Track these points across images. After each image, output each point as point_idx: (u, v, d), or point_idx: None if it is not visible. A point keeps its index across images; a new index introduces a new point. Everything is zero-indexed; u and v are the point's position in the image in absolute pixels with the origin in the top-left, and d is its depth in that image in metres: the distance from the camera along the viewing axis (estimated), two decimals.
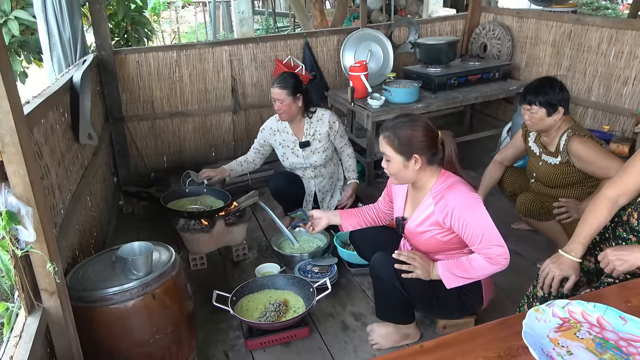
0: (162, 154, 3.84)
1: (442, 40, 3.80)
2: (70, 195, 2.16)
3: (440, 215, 1.78)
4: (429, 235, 1.85)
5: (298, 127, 2.93)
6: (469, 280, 1.79)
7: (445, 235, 1.83)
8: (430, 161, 1.79)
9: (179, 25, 10.46)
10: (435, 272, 1.83)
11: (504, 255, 1.72)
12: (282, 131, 2.96)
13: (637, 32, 3.17)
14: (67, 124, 2.33)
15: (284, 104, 2.78)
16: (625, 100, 3.29)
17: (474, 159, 3.91)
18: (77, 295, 1.63)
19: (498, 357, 1.13)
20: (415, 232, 1.90)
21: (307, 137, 2.92)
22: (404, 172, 1.80)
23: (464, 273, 1.78)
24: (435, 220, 1.81)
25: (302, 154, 2.94)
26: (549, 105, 2.35)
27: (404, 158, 1.76)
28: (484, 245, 1.72)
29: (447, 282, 1.81)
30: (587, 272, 1.76)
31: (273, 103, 2.83)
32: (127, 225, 3.24)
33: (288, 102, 2.78)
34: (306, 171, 2.99)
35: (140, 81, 3.60)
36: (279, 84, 2.77)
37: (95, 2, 3.20)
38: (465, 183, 1.81)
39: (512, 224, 3.00)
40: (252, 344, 2.10)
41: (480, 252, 1.74)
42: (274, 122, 2.99)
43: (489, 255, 1.72)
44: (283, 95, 2.76)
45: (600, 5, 9.02)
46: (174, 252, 1.88)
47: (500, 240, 1.72)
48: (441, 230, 1.82)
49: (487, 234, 1.72)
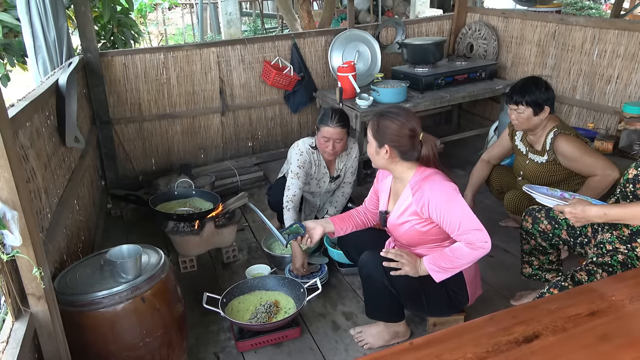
0: (150, 156, 3.82)
1: (429, 41, 3.83)
2: (57, 198, 2.14)
3: (418, 205, 1.82)
4: (409, 225, 1.88)
5: (331, 161, 2.73)
6: (455, 270, 1.81)
7: (424, 226, 1.86)
8: (404, 157, 1.83)
9: (166, 27, 10.38)
10: (423, 267, 1.85)
11: (484, 239, 1.73)
12: (316, 165, 2.71)
13: (619, 31, 3.23)
14: (53, 127, 2.31)
15: (341, 144, 2.53)
16: (608, 99, 3.35)
17: (462, 157, 3.95)
18: (65, 300, 1.62)
19: (486, 352, 1.14)
20: (396, 224, 1.93)
21: (337, 171, 2.77)
22: (375, 157, 1.89)
23: (449, 263, 1.79)
24: (413, 210, 1.84)
25: (327, 187, 2.79)
26: (535, 105, 2.38)
27: (377, 144, 1.85)
28: (463, 231, 1.74)
29: (435, 275, 1.83)
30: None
31: (325, 142, 2.52)
32: (116, 228, 3.22)
33: (345, 142, 2.56)
34: (319, 194, 2.88)
35: (127, 83, 3.57)
36: (341, 123, 2.47)
37: (81, 4, 3.17)
38: (441, 173, 1.85)
39: (500, 222, 3.03)
40: (243, 346, 2.10)
41: (460, 239, 1.76)
42: (309, 152, 2.67)
43: (469, 240, 1.74)
44: (343, 134, 2.50)
45: (584, 5, 9.14)
46: (163, 255, 1.87)
47: (478, 224, 1.74)
48: (420, 220, 1.85)
49: (465, 221, 1.74)
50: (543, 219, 2.07)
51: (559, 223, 2.04)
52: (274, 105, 4.09)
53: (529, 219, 2.13)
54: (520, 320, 1.24)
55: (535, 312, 1.28)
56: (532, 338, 1.18)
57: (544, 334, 1.19)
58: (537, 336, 1.18)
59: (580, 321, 1.23)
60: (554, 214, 2.05)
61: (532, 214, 2.12)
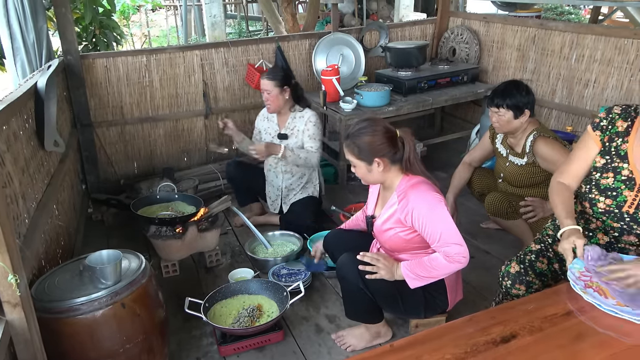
0: (133, 159, 3.78)
1: (412, 45, 3.87)
2: (36, 203, 2.10)
3: (402, 213, 1.83)
4: (393, 232, 1.90)
5: (283, 119, 2.98)
6: (431, 279, 1.83)
7: (408, 234, 1.87)
8: (393, 161, 1.84)
9: (149, 29, 10.29)
10: (399, 272, 1.86)
11: (463, 254, 1.75)
12: (269, 119, 3.05)
13: (596, 36, 3.30)
14: (32, 130, 2.27)
15: (271, 95, 2.83)
16: (586, 102, 3.42)
17: (445, 160, 3.99)
18: (42, 307, 1.59)
19: (465, 353, 1.16)
20: (381, 230, 1.95)
21: (287, 130, 2.95)
22: (369, 175, 1.88)
23: (425, 272, 1.81)
24: (397, 218, 1.86)
25: (277, 142, 2.96)
26: (516, 108, 2.42)
27: (366, 163, 1.83)
28: (442, 243, 1.76)
29: (410, 282, 1.84)
30: (539, 274, 1.81)
31: (262, 94, 2.89)
32: (97, 233, 3.17)
33: (275, 94, 2.83)
34: (278, 164, 3.00)
35: (109, 86, 3.53)
36: (268, 75, 2.84)
37: (61, 6, 3.12)
38: (428, 182, 1.86)
39: (481, 224, 3.07)
40: (226, 350, 2.08)
41: (440, 250, 1.78)
42: (265, 109, 3.07)
43: (447, 253, 1.76)
44: (270, 86, 2.82)
45: (564, 10, 9.32)
46: (144, 260, 1.86)
47: (458, 239, 1.76)
48: (404, 229, 1.86)
49: (445, 233, 1.76)
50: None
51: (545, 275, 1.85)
52: (258, 108, 4.03)
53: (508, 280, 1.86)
54: (498, 321, 1.26)
55: (513, 312, 1.30)
56: (509, 338, 1.20)
57: (521, 334, 1.21)
58: (514, 336, 1.20)
59: (557, 321, 1.25)
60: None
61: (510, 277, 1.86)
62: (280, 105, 2.89)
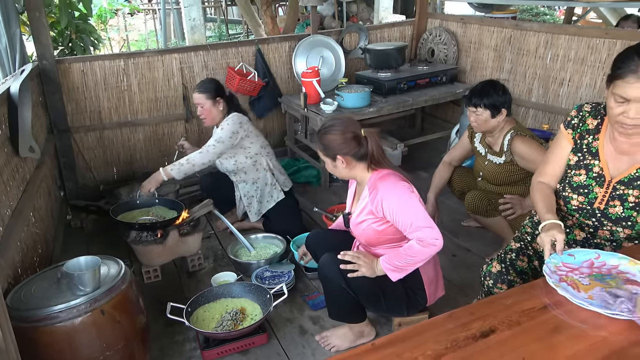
0: (112, 165, 3.72)
1: (391, 46, 3.90)
2: (10, 211, 2.06)
3: (373, 204, 1.87)
4: (366, 224, 1.93)
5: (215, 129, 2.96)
6: (410, 268, 1.85)
7: (380, 225, 1.90)
8: (357, 158, 1.89)
9: (127, 32, 10.16)
10: (380, 267, 1.88)
11: (435, 236, 1.77)
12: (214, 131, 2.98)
13: (570, 36, 3.38)
14: (6, 136, 2.23)
15: (205, 108, 2.80)
16: (562, 101, 3.49)
17: (426, 160, 4.03)
18: (19, 315, 1.56)
19: (445, 349, 1.17)
20: (355, 223, 1.99)
21: None
22: (336, 171, 1.97)
23: (402, 261, 1.83)
24: (369, 209, 1.89)
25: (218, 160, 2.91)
26: (493, 107, 2.46)
27: (330, 160, 1.93)
28: (414, 229, 1.78)
29: (391, 274, 1.86)
30: (520, 273, 1.83)
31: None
32: (76, 240, 3.12)
33: (208, 107, 2.79)
34: (232, 175, 2.99)
35: (86, 91, 3.48)
36: (199, 88, 2.80)
37: (34, 10, 3.07)
38: (396, 174, 1.90)
39: (462, 222, 3.11)
40: (209, 355, 2.07)
41: (412, 236, 1.80)
42: None
43: (420, 238, 1.78)
44: (202, 99, 2.78)
45: (539, 12, 9.52)
46: (123, 265, 1.83)
47: (429, 222, 1.79)
48: (376, 220, 1.89)
49: (416, 219, 1.78)
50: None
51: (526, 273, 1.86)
52: None
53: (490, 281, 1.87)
54: (477, 316, 1.28)
55: (492, 307, 1.32)
56: (488, 333, 1.21)
57: (499, 329, 1.22)
58: (493, 331, 1.22)
59: (534, 315, 1.27)
60: None
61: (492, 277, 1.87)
62: (214, 118, 2.84)
